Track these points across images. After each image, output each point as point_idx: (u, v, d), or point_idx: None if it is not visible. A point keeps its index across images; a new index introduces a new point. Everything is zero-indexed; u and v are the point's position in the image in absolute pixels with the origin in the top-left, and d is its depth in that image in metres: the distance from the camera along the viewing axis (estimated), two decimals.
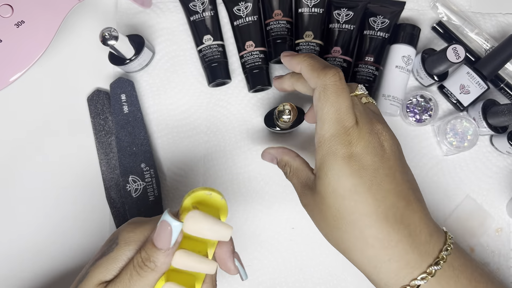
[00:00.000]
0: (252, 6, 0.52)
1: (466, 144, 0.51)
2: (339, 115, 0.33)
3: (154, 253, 0.30)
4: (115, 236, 0.33)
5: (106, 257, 0.31)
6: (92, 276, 0.31)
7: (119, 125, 0.51)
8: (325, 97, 0.33)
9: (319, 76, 0.34)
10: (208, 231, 0.29)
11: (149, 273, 0.30)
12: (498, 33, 0.55)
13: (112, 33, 0.45)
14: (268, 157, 0.41)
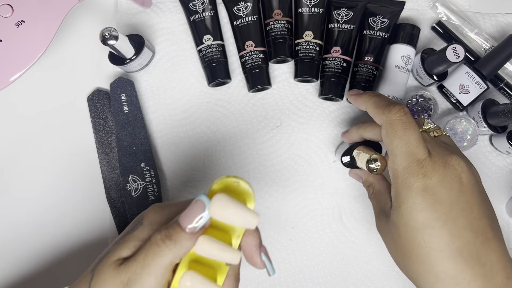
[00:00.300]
0: (252, 6, 0.53)
1: (466, 144, 0.51)
2: (410, 148, 0.33)
3: (176, 233, 0.28)
4: (141, 217, 0.32)
5: (128, 235, 0.31)
6: (113, 252, 0.30)
7: (119, 125, 0.51)
8: (392, 132, 0.33)
9: (384, 113, 0.35)
10: (234, 216, 0.28)
11: (165, 252, 0.28)
12: (498, 33, 0.55)
13: (112, 33, 0.45)
14: (355, 176, 0.46)
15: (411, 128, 0.33)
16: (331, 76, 0.52)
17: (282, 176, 0.53)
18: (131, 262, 0.29)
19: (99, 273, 0.30)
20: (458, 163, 0.33)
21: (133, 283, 0.28)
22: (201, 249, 0.28)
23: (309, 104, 0.54)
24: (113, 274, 0.29)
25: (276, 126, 0.54)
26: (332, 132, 0.53)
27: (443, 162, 0.33)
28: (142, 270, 0.28)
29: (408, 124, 0.33)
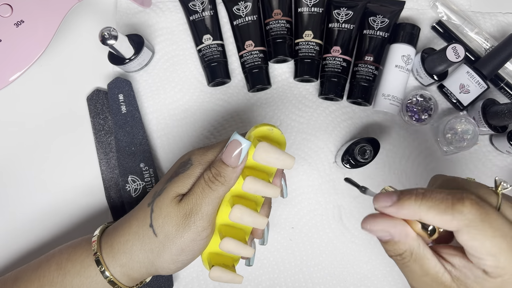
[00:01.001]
0: (252, 5, 0.52)
1: (466, 143, 0.51)
2: (507, 239, 0.27)
3: (223, 169, 0.34)
4: (188, 158, 0.37)
5: (182, 174, 0.36)
6: (170, 190, 0.35)
7: (117, 125, 0.51)
8: (478, 233, 0.27)
9: (455, 216, 0.27)
10: (276, 160, 0.33)
11: (219, 186, 0.34)
12: (498, 32, 0.55)
13: (112, 32, 0.45)
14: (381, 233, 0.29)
15: (496, 219, 0.27)
16: (331, 75, 0.52)
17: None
18: (191, 196, 0.34)
19: (161, 207, 0.35)
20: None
21: (195, 213, 0.34)
22: (248, 187, 0.33)
23: (309, 104, 0.54)
24: (176, 208, 0.34)
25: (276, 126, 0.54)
26: (332, 132, 0.53)
27: None
28: (201, 201, 0.34)
29: (487, 215, 0.27)
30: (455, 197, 0.27)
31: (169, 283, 0.49)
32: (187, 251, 0.35)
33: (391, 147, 0.53)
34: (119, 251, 0.36)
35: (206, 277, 0.51)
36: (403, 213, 0.28)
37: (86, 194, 0.52)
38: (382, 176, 0.53)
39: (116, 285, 0.37)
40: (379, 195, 0.29)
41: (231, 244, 0.35)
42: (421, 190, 0.28)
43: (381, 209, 0.29)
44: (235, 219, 0.34)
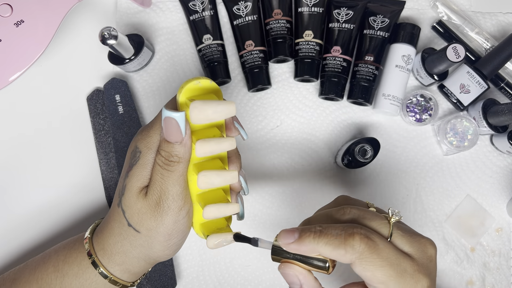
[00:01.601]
0: (252, 5, 0.52)
1: (466, 143, 0.51)
2: (395, 269, 0.30)
3: (172, 148, 0.32)
4: (134, 146, 0.35)
5: (135, 166, 0.34)
6: (131, 187, 0.34)
7: (115, 126, 0.51)
8: (368, 265, 0.30)
9: (347, 251, 0.30)
10: (214, 114, 0.30)
11: (176, 166, 0.32)
12: (498, 32, 0.55)
13: (112, 32, 0.45)
14: (292, 278, 0.32)
15: (383, 250, 0.30)
16: (331, 75, 0.52)
17: (282, 176, 0.53)
18: (154, 185, 0.33)
19: (130, 206, 0.34)
20: (431, 245, 0.32)
21: (164, 198, 0.33)
22: (202, 152, 0.31)
23: (309, 104, 0.54)
24: (144, 202, 0.33)
25: (276, 126, 0.54)
26: (332, 132, 0.53)
27: (427, 257, 0.31)
28: (166, 186, 0.32)
29: (376, 248, 0.30)
30: (347, 233, 0.30)
31: (172, 282, 0.49)
32: (174, 234, 0.34)
33: (392, 147, 0.53)
34: (112, 252, 0.36)
35: (206, 277, 0.51)
36: (303, 249, 0.31)
37: (86, 194, 0.52)
38: (382, 176, 0.53)
39: (118, 283, 0.37)
40: (282, 232, 0.32)
41: (213, 210, 0.33)
42: (318, 227, 0.31)
43: (284, 245, 0.31)
44: (204, 186, 0.32)
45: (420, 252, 0.31)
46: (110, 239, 0.36)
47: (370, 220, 0.32)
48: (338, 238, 0.30)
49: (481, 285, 0.51)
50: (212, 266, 0.51)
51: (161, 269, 0.49)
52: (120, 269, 0.36)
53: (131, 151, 0.35)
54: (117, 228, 0.35)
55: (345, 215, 0.32)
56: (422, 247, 0.32)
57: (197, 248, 0.52)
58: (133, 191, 0.34)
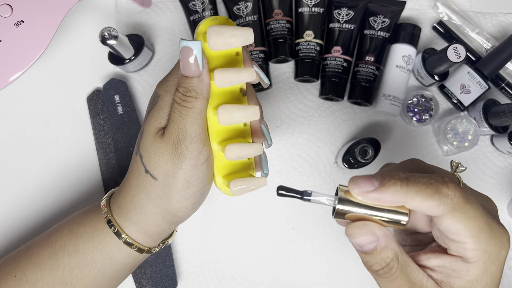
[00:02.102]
0: (252, 5, 0.52)
1: (467, 144, 0.51)
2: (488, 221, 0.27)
3: (190, 83, 0.31)
4: (154, 93, 0.34)
5: (153, 109, 0.33)
6: (148, 128, 0.33)
7: (114, 126, 0.51)
8: (463, 217, 0.26)
9: (441, 200, 0.26)
10: (231, 38, 0.30)
11: (194, 102, 0.31)
12: (499, 32, 0.55)
13: (112, 32, 0.45)
14: (367, 238, 0.27)
15: (473, 200, 0.27)
16: (331, 76, 0.52)
17: (283, 176, 0.53)
18: (172, 124, 0.31)
19: (147, 148, 0.32)
20: (491, 200, 0.31)
21: (183, 138, 0.31)
22: (221, 81, 0.30)
23: (309, 104, 0.54)
24: (162, 142, 0.32)
25: (277, 126, 0.54)
26: (333, 132, 0.53)
27: (495, 211, 0.29)
28: (184, 124, 0.31)
29: (469, 198, 0.26)
30: (439, 182, 0.26)
31: (173, 282, 0.49)
32: (193, 181, 0.32)
33: (392, 148, 0.53)
34: (128, 209, 0.34)
35: (207, 277, 0.51)
36: (388, 199, 0.26)
37: (86, 194, 0.52)
38: None
39: (133, 246, 0.35)
40: (357, 178, 0.27)
41: (236, 148, 0.31)
42: (403, 175, 0.27)
43: (361, 194, 0.26)
44: (225, 120, 0.30)
45: (488, 206, 0.29)
46: (127, 195, 0.34)
47: (443, 172, 0.29)
48: (430, 187, 0.26)
49: None
50: (213, 266, 0.51)
51: (162, 269, 0.49)
52: (135, 229, 0.35)
53: (151, 98, 0.34)
54: (134, 179, 0.34)
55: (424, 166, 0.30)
56: (488, 202, 0.30)
57: (198, 248, 0.52)
58: (150, 132, 0.33)
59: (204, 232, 0.52)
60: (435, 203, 0.26)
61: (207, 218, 0.52)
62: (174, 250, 0.51)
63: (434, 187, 0.26)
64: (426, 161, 0.52)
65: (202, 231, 0.52)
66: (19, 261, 0.37)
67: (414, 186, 0.26)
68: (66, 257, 0.36)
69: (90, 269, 0.36)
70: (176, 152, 0.31)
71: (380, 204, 0.27)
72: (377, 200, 0.26)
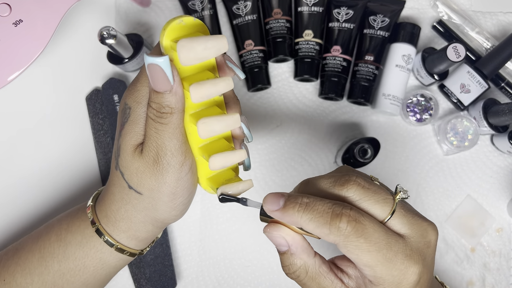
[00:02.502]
0: (252, 5, 0.52)
1: (467, 143, 0.51)
2: (384, 253, 0.27)
3: (162, 98, 0.29)
4: (123, 103, 0.32)
5: (127, 124, 0.32)
6: (125, 145, 0.31)
7: (113, 126, 0.51)
8: (355, 248, 0.27)
9: (332, 231, 0.27)
10: (205, 51, 0.27)
11: (169, 117, 0.29)
12: (499, 32, 0.55)
13: (111, 32, 0.45)
14: (278, 237, 0.30)
15: (372, 234, 0.27)
16: (331, 75, 0.51)
17: (283, 176, 0.53)
18: (149, 141, 0.30)
19: (127, 166, 0.32)
20: (433, 230, 0.30)
21: (163, 155, 0.30)
22: (197, 96, 0.28)
23: (309, 104, 0.54)
24: (141, 160, 0.31)
25: (276, 126, 0.53)
26: (333, 132, 0.53)
27: (425, 242, 0.29)
28: (162, 140, 0.30)
29: (364, 231, 0.27)
30: (334, 213, 0.27)
31: (172, 282, 0.49)
32: (179, 192, 0.32)
33: (392, 147, 0.53)
34: (116, 219, 0.34)
35: (206, 277, 0.51)
36: (286, 219, 0.29)
37: (85, 194, 0.52)
38: (383, 177, 0.53)
39: (125, 251, 0.35)
40: (268, 196, 0.29)
41: (219, 160, 0.30)
42: (306, 199, 0.28)
43: (268, 211, 0.29)
44: (206, 134, 0.29)
45: (418, 235, 0.29)
46: (112, 205, 0.34)
47: (374, 193, 0.29)
48: (324, 216, 0.27)
49: (481, 285, 0.51)
50: (212, 267, 0.51)
51: (161, 269, 0.49)
52: (126, 236, 0.34)
53: (121, 109, 0.33)
54: (118, 193, 0.33)
55: (345, 189, 0.29)
56: (422, 231, 0.29)
57: (197, 248, 0.51)
58: (127, 149, 0.31)
59: (203, 232, 0.52)
60: (325, 232, 0.27)
61: (206, 218, 0.52)
62: (173, 250, 0.51)
63: (328, 217, 0.27)
64: (426, 161, 0.53)
65: (201, 231, 0.52)
66: (7, 265, 0.37)
67: (310, 213, 0.28)
68: (56, 263, 0.36)
69: (82, 274, 0.36)
70: (158, 168, 0.30)
71: (285, 222, 0.29)
72: (280, 219, 0.29)
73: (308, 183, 0.31)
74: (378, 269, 0.27)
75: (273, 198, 0.29)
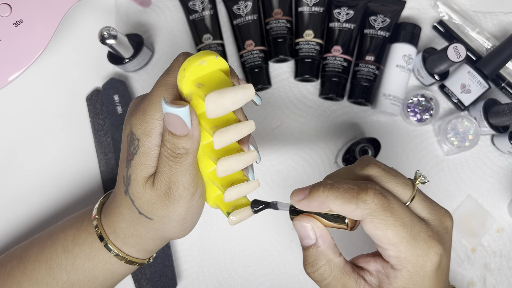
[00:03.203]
0: (252, 5, 0.52)
1: (467, 143, 0.51)
2: (408, 230, 0.28)
3: (178, 142, 0.29)
4: (129, 131, 0.32)
5: (136, 155, 0.31)
6: (136, 177, 0.32)
7: (113, 126, 0.51)
8: (381, 223, 0.27)
9: (359, 205, 0.27)
10: (234, 104, 0.26)
11: (184, 158, 0.30)
12: (499, 32, 0.55)
13: (111, 32, 0.45)
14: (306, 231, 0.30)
15: (397, 209, 0.28)
16: (331, 75, 0.51)
17: (283, 176, 0.53)
18: (162, 176, 0.31)
19: (138, 196, 0.32)
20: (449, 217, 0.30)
21: (175, 188, 0.31)
22: (220, 144, 0.28)
23: (309, 104, 0.54)
24: (153, 192, 0.31)
25: (277, 126, 0.53)
26: (333, 132, 0.53)
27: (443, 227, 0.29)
28: (175, 176, 0.30)
29: (389, 205, 0.28)
30: (360, 187, 0.28)
31: (172, 282, 0.49)
32: (188, 217, 0.33)
33: (392, 147, 0.53)
34: (125, 235, 0.35)
35: (206, 278, 0.51)
36: (314, 205, 0.29)
37: (85, 194, 0.52)
38: None
39: (134, 263, 0.36)
40: (294, 190, 0.30)
41: (234, 193, 0.30)
42: (329, 181, 0.29)
43: (295, 203, 0.30)
44: (225, 174, 0.29)
45: (437, 220, 0.29)
46: (121, 223, 0.34)
47: (395, 176, 0.29)
48: (350, 192, 0.28)
49: (482, 285, 0.51)
50: (212, 267, 0.51)
51: (161, 269, 0.49)
52: (135, 250, 0.35)
53: (126, 134, 0.32)
54: (127, 214, 0.34)
55: (367, 170, 0.30)
56: (440, 216, 0.30)
57: (197, 248, 0.51)
58: (139, 181, 0.31)
59: (203, 232, 0.52)
60: (352, 207, 0.27)
61: (206, 218, 0.52)
62: (173, 250, 0.51)
63: (354, 193, 0.28)
64: (426, 161, 0.53)
65: (201, 231, 0.52)
66: (13, 273, 0.38)
67: (335, 191, 0.28)
68: (65, 275, 0.36)
69: (91, 284, 0.36)
70: (170, 200, 0.31)
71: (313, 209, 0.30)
72: (307, 207, 0.29)
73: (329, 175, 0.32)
74: (403, 247, 0.27)
75: (299, 190, 0.30)
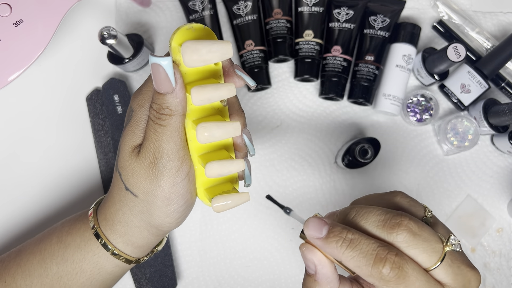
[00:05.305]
0: (252, 5, 0.52)
1: (467, 143, 0.51)
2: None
3: (163, 100, 0.29)
4: (129, 106, 0.33)
5: (128, 125, 0.32)
6: (124, 146, 0.32)
7: (113, 126, 0.51)
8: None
9: (372, 275, 0.26)
10: (208, 53, 0.27)
11: (168, 119, 0.29)
12: (499, 32, 0.55)
13: (111, 32, 0.45)
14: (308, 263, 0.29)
15: (413, 282, 0.26)
16: (331, 75, 0.51)
17: (283, 176, 0.53)
18: (147, 142, 0.30)
19: (124, 167, 0.32)
20: (476, 281, 0.28)
21: (159, 157, 0.30)
22: (198, 99, 0.28)
23: (309, 104, 0.54)
24: (138, 161, 0.31)
25: (276, 126, 0.54)
26: (333, 132, 0.53)
27: None
28: (160, 142, 0.30)
29: (405, 280, 0.26)
30: (378, 256, 0.26)
31: (172, 282, 0.49)
32: (173, 198, 0.31)
33: (392, 147, 0.53)
34: (114, 222, 0.34)
35: (206, 277, 0.51)
36: (327, 251, 0.28)
37: (85, 194, 0.52)
38: (383, 177, 0.53)
39: (121, 257, 0.35)
40: (310, 220, 0.28)
41: (216, 167, 0.30)
42: (350, 235, 0.27)
43: (309, 237, 0.28)
44: (204, 139, 0.29)
45: (460, 286, 0.28)
46: (111, 207, 0.34)
47: (424, 241, 0.27)
48: (368, 257, 0.26)
49: (481, 285, 0.51)
50: (212, 267, 0.51)
51: (161, 269, 0.49)
52: (122, 241, 0.35)
53: (127, 114, 0.33)
54: (116, 194, 0.33)
55: (399, 229, 0.27)
56: (465, 282, 0.28)
57: (197, 248, 0.51)
58: (126, 150, 0.32)
59: (203, 232, 0.52)
60: (365, 273, 0.26)
61: (206, 218, 0.52)
62: (173, 250, 0.51)
63: (370, 260, 0.26)
64: (426, 161, 0.53)
65: (201, 231, 0.52)
66: (9, 266, 0.38)
67: (353, 251, 0.27)
68: (55, 266, 0.36)
69: (79, 278, 0.36)
70: (154, 171, 0.30)
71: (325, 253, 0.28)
72: (320, 247, 0.28)
73: (356, 212, 0.29)
74: None
75: (315, 224, 0.28)
